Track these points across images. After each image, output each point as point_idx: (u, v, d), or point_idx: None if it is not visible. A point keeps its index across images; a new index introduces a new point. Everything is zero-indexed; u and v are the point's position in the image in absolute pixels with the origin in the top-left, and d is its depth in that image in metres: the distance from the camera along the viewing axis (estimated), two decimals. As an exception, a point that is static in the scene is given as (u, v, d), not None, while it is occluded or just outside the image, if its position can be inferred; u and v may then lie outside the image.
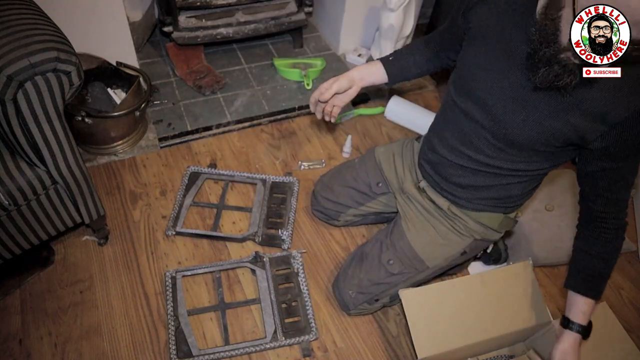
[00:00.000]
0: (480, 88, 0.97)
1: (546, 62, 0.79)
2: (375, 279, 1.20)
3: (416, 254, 1.18)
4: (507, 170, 1.04)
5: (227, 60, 2.02)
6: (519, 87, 0.91)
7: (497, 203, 1.13)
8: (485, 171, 1.06)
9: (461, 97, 1.03)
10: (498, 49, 0.92)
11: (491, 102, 0.95)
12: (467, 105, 1.02)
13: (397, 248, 1.20)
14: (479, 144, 1.03)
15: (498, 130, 0.97)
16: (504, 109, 0.94)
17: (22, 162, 1.03)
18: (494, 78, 0.94)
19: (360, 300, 1.23)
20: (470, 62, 0.99)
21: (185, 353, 1.16)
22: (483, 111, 0.98)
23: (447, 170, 1.13)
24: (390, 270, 1.19)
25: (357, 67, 1.21)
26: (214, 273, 1.34)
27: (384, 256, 1.20)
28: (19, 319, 1.20)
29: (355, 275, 1.23)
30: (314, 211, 1.49)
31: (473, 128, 1.02)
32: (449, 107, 1.09)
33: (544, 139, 0.92)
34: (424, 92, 2.09)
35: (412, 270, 1.19)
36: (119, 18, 1.63)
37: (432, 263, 1.19)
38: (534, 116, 0.91)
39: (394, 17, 1.81)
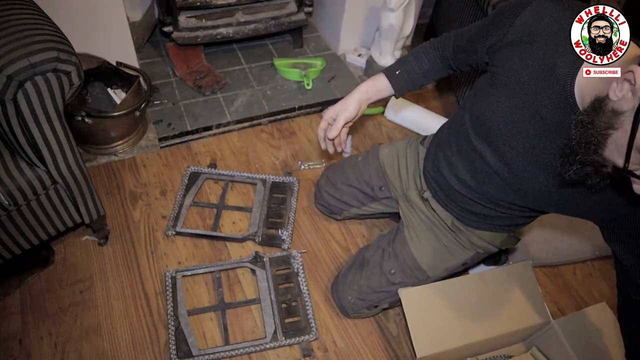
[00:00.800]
0: (500, 139, 0.89)
1: (580, 162, 0.71)
2: (376, 286, 1.19)
3: (419, 265, 1.17)
4: (517, 208, 1.01)
5: (227, 60, 2.02)
6: (542, 154, 0.84)
7: (502, 228, 1.12)
8: (494, 208, 1.04)
9: (478, 138, 0.95)
10: (527, 107, 0.83)
11: (510, 155, 0.89)
12: (483, 148, 0.95)
13: (400, 258, 1.18)
14: (490, 187, 0.98)
15: (514, 182, 0.92)
16: (523, 167, 0.88)
17: (22, 162, 1.03)
18: (516, 133, 0.86)
19: (360, 306, 1.22)
20: (493, 108, 0.89)
21: (185, 353, 1.16)
22: (500, 162, 0.92)
23: (452, 194, 1.10)
24: (392, 280, 1.18)
25: (362, 86, 1.09)
26: (214, 273, 1.34)
27: (386, 265, 1.19)
28: (19, 319, 1.20)
29: (355, 281, 1.22)
30: (317, 204, 1.50)
31: (487, 171, 0.96)
32: (463, 138, 1.00)
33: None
34: (424, 92, 2.09)
35: (413, 279, 1.18)
36: (119, 18, 1.63)
37: (433, 273, 1.18)
38: (555, 180, 0.86)
39: (394, 17, 1.81)
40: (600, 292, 1.46)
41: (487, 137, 0.93)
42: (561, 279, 1.48)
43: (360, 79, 2.05)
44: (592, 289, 1.47)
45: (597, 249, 1.49)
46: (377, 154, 1.34)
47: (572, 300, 1.43)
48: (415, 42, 2.32)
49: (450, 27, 1.93)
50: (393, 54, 1.98)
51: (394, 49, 1.96)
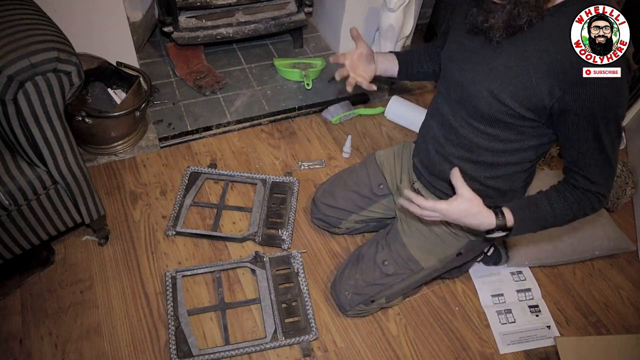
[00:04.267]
0: (455, 68, 1.03)
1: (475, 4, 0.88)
2: (370, 279, 1.20)
3: (411, 254, 1.18)
4: (490, 157, 1.04)
5: (227, 60, 2.03)
6: (476, 48, 0.97)
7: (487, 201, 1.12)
8: (471, 162, 1.07)
9: (442, 86, 1.10)
10: (463, 29, 0.99)
11: (462, 75, 1.00)
12: (445, 88, 1.08)
13: (392, 249, 1.20)
14: (457, 127, 1.05)
15: (468, 102, 1.00)
16: (472, 77, 0.98)
17: (23, 162, 1.03)
18: (463, 55, 1.01)
19: (356, 301, 1.22)
20: (448, 51, 1.07)
21: (185, 353, 1.16)
22: (458, 87, 1.02)
23: (437, 168, 1.14)
24: (385, 271, 1.19)
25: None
26: (214, 273, 1.34)
27: (379, 256, 1.20)
28: (19, 319, 1.20)
29: (352, 275, 1.23)
30: (314, 219, 1.46)
31: (451, 110, 1.06)
32: (434, 102, 1.16)
33: (499, 101, 0.93)
34: (424, 92, 2.09)
35: (407, 271, 1.19)
36: (119, 18, 1.63)
37: (426, 264, 1.19)
38: (491, 76, 0.94)
39: (393, 17, 1.81)
40: (600, 292, 1.46)
41: (445, 76, 1.08)
42: (561, 279, 1.48)
43: (360, 79, 2.06)
44: (592, 289, 1.47)
45: (597, 249, 1.49)
46: (374, 156, 1.38)
47: (572, 300, 1.43)
48: (415, 42, 2.33)
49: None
50: (393, 54, 1.98)
51: (393, 49, 1.96)
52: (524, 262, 1.45)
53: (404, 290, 1.24)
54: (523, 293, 1.43)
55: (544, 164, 1.77)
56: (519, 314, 1.38)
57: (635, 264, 1.55)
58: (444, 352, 1.27)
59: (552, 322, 1.37)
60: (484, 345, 1.30)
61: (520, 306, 1.40)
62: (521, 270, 1.48)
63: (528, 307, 1.40)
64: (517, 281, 1.46)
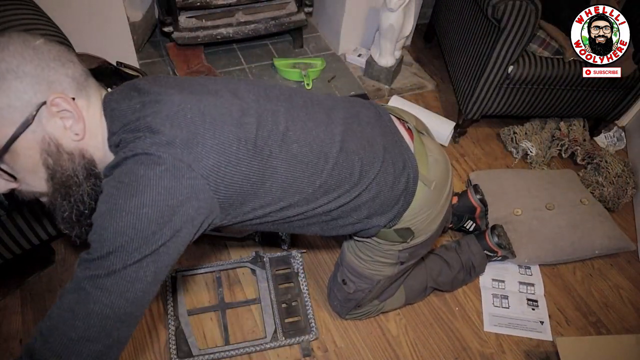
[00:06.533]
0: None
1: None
2: (344, 296, 1.17)
3: (358, 272, 1.09)
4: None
5: (227, 60, 2.03)
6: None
7: (354, 229, 0.97)
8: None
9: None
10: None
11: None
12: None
13: (345, 267, 1.12)
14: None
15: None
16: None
17: (23, 162, 1.03)
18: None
19: (345, 310, 1.23)
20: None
21: (185, 353, 1.16)
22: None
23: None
24: (347, 289, 1.14)
25: None
26: (214, 273, 1.34)
27: (339, 276, 1.15)
28: (20, 319, 1.20)
29: (332, 288, 1.23)
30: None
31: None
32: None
33: None
34: (424, 92, 2.09)
35: (366, 284, 1.11)
36: (119, 18, 1.63)
37: (377, 277, 1.09)
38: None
39: (394, 17, 1.81)
40: (600, 292, 1.46)
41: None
42: (561, 278, 1.48)
43: (360, 79, 2.05)
44: (592, 289, 1.47)
45: (598, 248, 1.49)
46: None
47: (572, 300, 1.43)
48: (415, 42, 2.33)
49: (450, 28, 1.93)
50: (393, 54, 1.98)
51: (393, 49, 1.97)
52: (524, 260, 1.45)
53: (384, 294, 1.20)
54: (525, 286, 1.44)
55: (544, 164, 1.77)
56: (515, 303, 1.39)
57: (635, 264, 1.55)
58: (444, 352, 1.27)
59: (547, 320, 1.36)
60: (484, 345, 1.30)
61: (518, 297, 1.41)
62: (530, 267, 1.49)
63: (527, 299, 1.41)
64: (522, 274, 1.47)
